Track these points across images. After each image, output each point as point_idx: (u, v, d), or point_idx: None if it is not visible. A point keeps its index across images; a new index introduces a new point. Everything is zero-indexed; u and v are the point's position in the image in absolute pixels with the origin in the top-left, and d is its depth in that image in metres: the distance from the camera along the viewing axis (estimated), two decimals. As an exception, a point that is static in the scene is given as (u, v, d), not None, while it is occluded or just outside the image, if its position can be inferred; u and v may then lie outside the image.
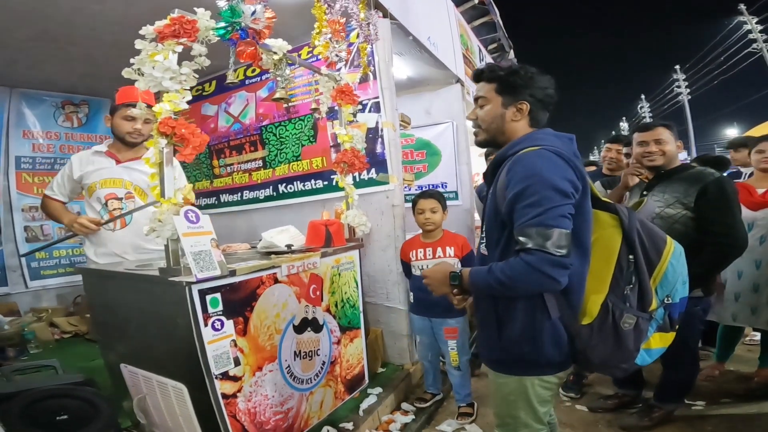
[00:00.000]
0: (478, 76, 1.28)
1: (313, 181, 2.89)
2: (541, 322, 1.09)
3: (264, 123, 3.10)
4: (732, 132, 23.84)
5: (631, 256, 1.09)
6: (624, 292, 1.09)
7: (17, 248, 3.40)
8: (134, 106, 2.10)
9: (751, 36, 17.56)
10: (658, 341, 1.14)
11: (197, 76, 1.48)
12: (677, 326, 1.15)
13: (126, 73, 1.39)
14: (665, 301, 1.12)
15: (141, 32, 1.40)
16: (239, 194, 3.25)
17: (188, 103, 1.46)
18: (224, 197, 3.34)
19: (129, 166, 2.21)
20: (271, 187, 3.07)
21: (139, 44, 1.39)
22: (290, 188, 2.98)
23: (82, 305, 3.33)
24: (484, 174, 1.30)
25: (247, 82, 3.18)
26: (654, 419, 2.03)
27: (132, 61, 1.40)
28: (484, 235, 1.23)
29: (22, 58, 2.91)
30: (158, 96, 1.44)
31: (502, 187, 1.11)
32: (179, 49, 1.43)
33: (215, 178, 3.39)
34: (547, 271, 0.97)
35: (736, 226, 1.77)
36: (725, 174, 2.54)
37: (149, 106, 2.21)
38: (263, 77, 3.12)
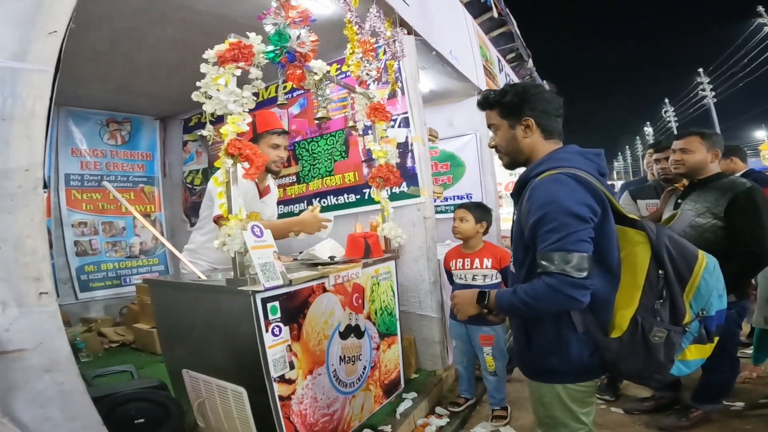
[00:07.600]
0: (481, 106, 1.32)
1: (345, 195, 2.99)
2: (566, 336, 1.14)
3: (297, 139, 3.23)
4: (761, 134, 23.15)
5: (660, 272, 1.11)
6: (654, 306, 1.11)
7: (68, 262, 3.58)
8: (279, 134, 2.01)
9: (772, 38, 17.08)
10: (695, 353, 1.15)
11: (255, 99, 1.57)
12: (716, 337, 1.16)
13: (195, 96, 1.49)
14: (701, 314, 1.12)
15: (204, 56, 1.49)
16: (273, 208, 3.38)
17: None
18: (259, 210, 3.46)
19: (264, 201, 2.15)
20: (305, 201, 3.19)
21: (204, 68, 1.48)
22: (324, 202, 3.09)
23: (127, 315, 3.48)
24: (512, 194, 1.34)
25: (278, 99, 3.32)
26: (692, 419, 2.05)
27: (198, 84, 1.48)
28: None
29: (67, 75, 3.06)
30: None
31: (525, 212, 1.14)
32: (238, 72, 1.52)
33: (250, 193, 3.51)
34: (569, 292, 1.03)
35: (764, 236, 1.79)
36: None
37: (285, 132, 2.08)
38: (294, 94, 3.26)
